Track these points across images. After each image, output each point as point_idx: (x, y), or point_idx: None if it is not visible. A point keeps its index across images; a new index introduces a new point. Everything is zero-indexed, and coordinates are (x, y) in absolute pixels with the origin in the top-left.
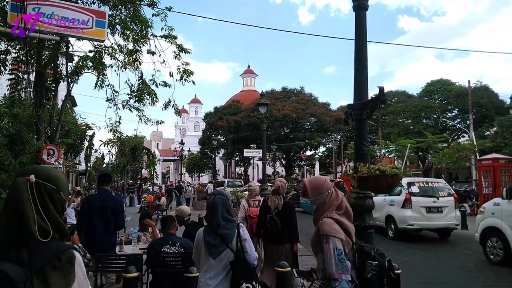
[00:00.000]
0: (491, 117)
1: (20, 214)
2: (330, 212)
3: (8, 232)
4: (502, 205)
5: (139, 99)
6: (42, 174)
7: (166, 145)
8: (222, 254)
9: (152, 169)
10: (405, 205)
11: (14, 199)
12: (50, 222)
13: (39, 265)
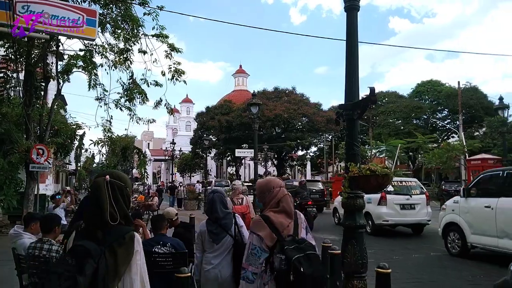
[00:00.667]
0: (480, 117)
1: (99, 204)
2: (266, 210)
3: (91, 219)
4: (460, 202)
5: (130, 98)
6: (114, 175)
7: (157, 144)
8: (223, 239)
9: (142, 169)
10: (381, 202)
11: (96, 194)
12: (119, 211)
13: (109, 242)
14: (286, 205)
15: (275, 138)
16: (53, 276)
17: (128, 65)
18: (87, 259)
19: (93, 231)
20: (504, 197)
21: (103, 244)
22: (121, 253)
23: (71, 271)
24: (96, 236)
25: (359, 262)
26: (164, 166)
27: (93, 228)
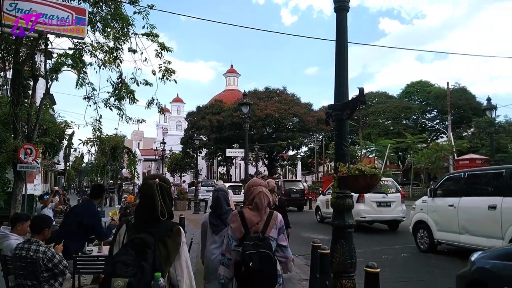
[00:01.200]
0: (469, 118)
1: (151, 203)
2: (245, 206)
3: (144, 215)
4: (428, 202)
5: (119, 98)
6: (161, 178)
7: (147, 144)
8: (222, 231)
9: (132, 169)
10: (359, 200)
11: (149, 194)
12: (166, 209)
13: (160, 234)
14: (258, 202)
15: (266, 138)
16: (119, 264)
17: (118, 64)
18: (146, 249)
19: (145, 226)
20: (465, 197)
21: (156, 237)
22: (171, 244)
23: (134, 259)
24: (148, 230)
25: (347, 261)
26: (154, 166)
27: (144, 223)
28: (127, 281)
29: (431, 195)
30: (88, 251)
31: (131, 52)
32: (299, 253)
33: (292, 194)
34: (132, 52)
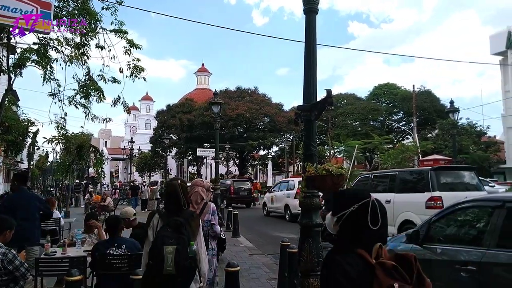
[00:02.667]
0: (433, 120)
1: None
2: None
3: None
4: None
5: (86, 95)
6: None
7: (115, 143)
8: None
9: (99, 168)
10: (296, 196)
11: (174, 190)
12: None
13: (186, 218)
14: (193, 198)
15: (237, 138)
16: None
17: (85, 60)
18: (180, 227)
19: (173, 213)
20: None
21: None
22: (194, 225)
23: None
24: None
25: (315, 260)
26: (122, 165)
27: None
28: (175, 247)
29: None
30: (52, 252)
31: (98, 48)
32: (268, 253)
33: (241, 192)
34: (99, 49)
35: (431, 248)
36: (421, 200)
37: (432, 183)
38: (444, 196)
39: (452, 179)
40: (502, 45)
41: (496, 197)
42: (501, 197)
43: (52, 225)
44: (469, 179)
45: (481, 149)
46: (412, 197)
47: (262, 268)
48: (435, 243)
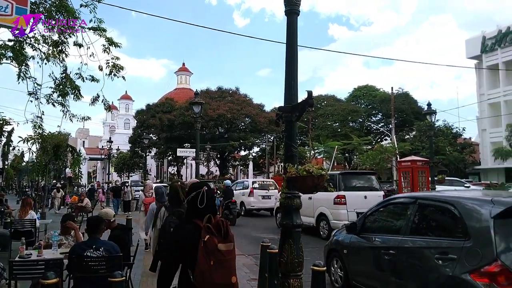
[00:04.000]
0: (411, 122)
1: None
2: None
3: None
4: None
5: (63, 93)
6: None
7: (93, 143)
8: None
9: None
10: (250, 194)
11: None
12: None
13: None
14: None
15: (218, 138)
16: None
17: (63, 58)
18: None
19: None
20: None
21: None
22: None
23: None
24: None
25: (295, 261)
26: (100, 165)
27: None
28: None
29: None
30: (27, 255)
31: (77, 46)
32: (249, 253)
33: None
34: (78, 46)
35: (366, 237)
36: (331, 197)
37: (339, 184)
38: (347, 195)
39: (356, 181)
40: (477, 49)
41: (411, 195)
42: (415, 195)
43: (27, 227)
44: (369, 182)
45: (457, 150)
46: (325, 195)
47: (242, 269)
48: (369, 233)
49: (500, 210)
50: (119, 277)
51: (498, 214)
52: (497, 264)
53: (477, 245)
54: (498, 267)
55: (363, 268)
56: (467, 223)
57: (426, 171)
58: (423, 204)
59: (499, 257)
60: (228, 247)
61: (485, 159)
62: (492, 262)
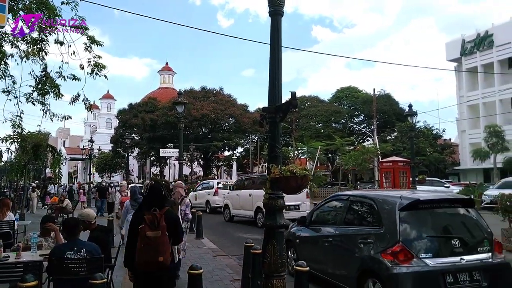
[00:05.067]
0: (392, 123)
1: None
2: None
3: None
4: (229, 193)
5: (43, 92)
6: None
7: (74, 142)
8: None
9: (56, 169)
10: (215, 194)
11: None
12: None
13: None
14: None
15: (202, 138)
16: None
17: (43, 56)
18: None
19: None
20: (242, 190)
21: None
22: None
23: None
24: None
25: (278, 261)
26: (81, 165)
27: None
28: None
29: (230, 189)
30: (4, 257)
31: (57, 44)
32: (232, 254)
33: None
34: (59, 44)
35: (314, 228)
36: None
37: None
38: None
39: None
40: (457, 52)
41: (346, 193)
42: (348, 193)
43: (5, 229)
44: None
45: (437, 151)
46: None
47: (225, 270)
48: (316, 224)
49: (404, 204)
50: (100, 279)
51: (403, 207)
52: (399, 245)
53: (387, 231)
54: (399, 247)
55: (311, 254)
56: (381, 215)
57: (407, 171)
58: (353, 200)
59: (401, 240)
60: (156, 235)
61: (465, 160)
62: (395, 244)
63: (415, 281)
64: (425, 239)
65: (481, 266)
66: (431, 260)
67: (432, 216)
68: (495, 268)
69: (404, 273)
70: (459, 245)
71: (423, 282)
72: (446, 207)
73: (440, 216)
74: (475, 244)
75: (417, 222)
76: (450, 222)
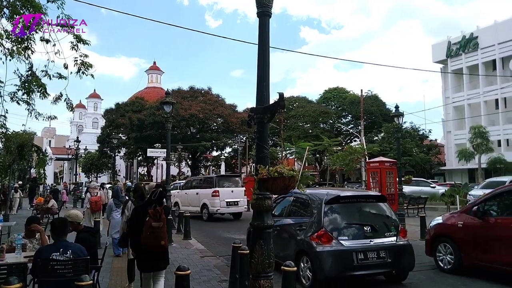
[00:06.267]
0: (379, 123)
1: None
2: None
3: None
4: (179, 192)
5: (28, 91)
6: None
7: (60, 142)
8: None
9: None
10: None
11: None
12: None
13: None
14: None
15: (190, 138)
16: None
17: (28, 55)
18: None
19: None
20: (190, 189)
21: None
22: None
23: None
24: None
25: (266, 261)
26: (67, 165)
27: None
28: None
29: (181, 189)
30: None
31: (43, 41)
32: (220, 254)
33: None
34: (45, 42)
35: None
36: (210, 192)
37: (215, 183)
38: (220, 190)
39: (226, 181)
40: (443, 54)
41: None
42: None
43: None
44: (235, 181)
45: (423, 151)
46: (207, 190)
47: (213, 271)
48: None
49: (328, 199)
50: (86, 280)
51: (327, 201)
52: (322, 231)
53: (315, 220)
54: (323, 232)
55: None
56: (312, 207)
57: (393, 171)
58: (296, 197)
59: (324, 226)
60: (159, 225)
61: (450, 160)
62: (320, 229)
63: (334, 258)
64: (343, 226)
65: (386, 246)
66: (346, 242)
67: (350, 208)
68: (397, 249)
69: (326, 252)
70: (370, 230)
71: (339, 258)
72: (362, 201)
73: (357, 208)
74: (383, 230)
75: (337, 212)
76: (364, 213)
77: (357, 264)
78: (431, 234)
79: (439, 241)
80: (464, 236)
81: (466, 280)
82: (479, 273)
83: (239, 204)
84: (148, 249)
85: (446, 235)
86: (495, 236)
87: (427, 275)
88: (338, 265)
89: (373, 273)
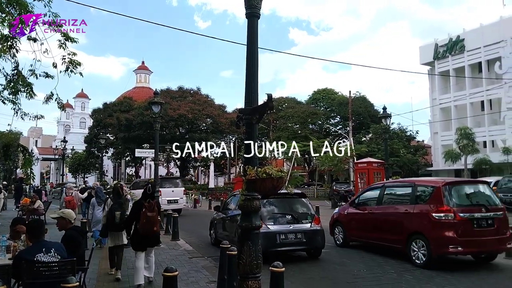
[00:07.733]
0: (367, 124)
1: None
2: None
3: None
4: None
5: (15, 91)
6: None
7: (46, 142)
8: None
9: (28, 169)
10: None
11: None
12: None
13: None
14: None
15: (179, 139)
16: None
17: (14, 53)
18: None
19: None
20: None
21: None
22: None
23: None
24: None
25: (254, 262)
26: (54, 165)
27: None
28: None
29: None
30: None
31: (30, 40)
32: (208, 255)
33: None
34: (32, 41)
35: (224, 212)
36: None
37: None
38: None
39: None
40: (430, 56)
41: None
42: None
43: None
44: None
45: (411, 152)
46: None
47: (201, 272)
48: (226, 210)
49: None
50: (73, 282)
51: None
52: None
53: None
54: None
55: (221, 230)
56: None
57: (381, 172)
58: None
59: None
60: (152, 214)
61: (437, 161)
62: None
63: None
64: (271, 214)
65: (302, 230)
66: (272, 226)
67: (278, 202)
68: (311, 232)
69: None
70: (291, 218)
71: (266, 238)
72: (288, 197)
73: (283, 202)
74: (301, 218)
75: (268, 205)
76: (288, 206)
77: (279, 242)
78: (332, 220)
79: (335, 225)
80: (347, 220)
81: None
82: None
83: (179, 202)
84: (144, 234)
85: (339, 220)
86: (362, 219)
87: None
88: (266, 243)
89: (292, 249)
